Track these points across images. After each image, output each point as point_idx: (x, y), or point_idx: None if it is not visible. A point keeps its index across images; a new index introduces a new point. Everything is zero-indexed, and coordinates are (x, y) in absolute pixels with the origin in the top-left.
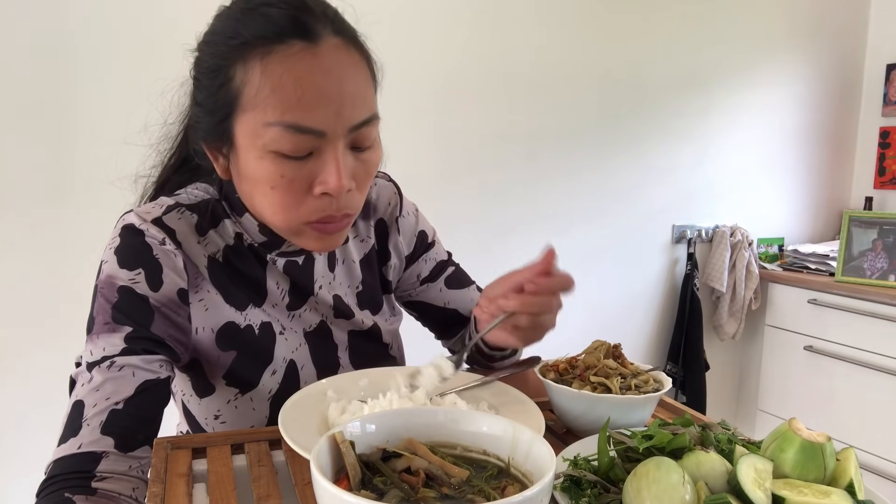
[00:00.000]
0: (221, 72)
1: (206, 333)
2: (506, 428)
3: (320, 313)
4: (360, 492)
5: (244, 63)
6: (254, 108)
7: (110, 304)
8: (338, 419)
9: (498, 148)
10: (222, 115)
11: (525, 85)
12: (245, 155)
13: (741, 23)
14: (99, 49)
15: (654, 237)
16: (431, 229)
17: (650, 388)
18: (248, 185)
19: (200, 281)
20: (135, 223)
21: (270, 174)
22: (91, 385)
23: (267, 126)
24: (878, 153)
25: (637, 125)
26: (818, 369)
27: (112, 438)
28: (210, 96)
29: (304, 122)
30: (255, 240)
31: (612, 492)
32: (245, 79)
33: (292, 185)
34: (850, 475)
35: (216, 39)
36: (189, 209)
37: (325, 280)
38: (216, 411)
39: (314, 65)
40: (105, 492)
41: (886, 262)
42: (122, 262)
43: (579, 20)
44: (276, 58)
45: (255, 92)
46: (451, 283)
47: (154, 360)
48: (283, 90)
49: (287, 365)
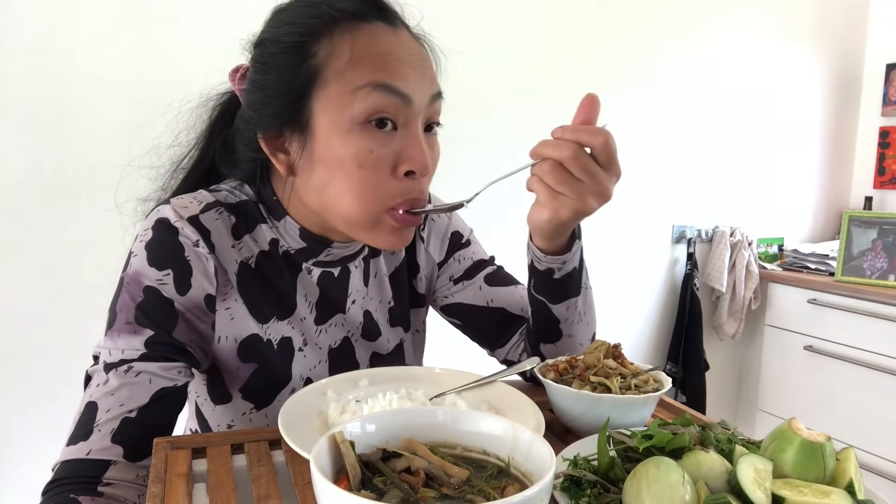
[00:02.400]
0: (304, 48)
1: (228, 343)
2: (506, 428)
3: (346, 330)
4: (360, 492)
5: (330, 37)
6: (340, 79)
7: (134, 304)
8: (338, 419)
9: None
10: (299, 93)
11: (525, 85)
12: (328, 134)
13: (741, 23)
14: (99, 49)
15: (654, 237)
16: (468, 229)
17: (650, 388)
18: (327, 171)
19: (229, 289)
20: (170, 219)
21: (358, 150)
22: (106, 388)
23: (356, 91)
24: (878, 153)
25: (637, 125)
26: (818, 369)
27: (122, 447)
28: (285, 76)
29: (394, 81)
30: (292, 246)
31: (612, 492)
32: (332, 51)
33: (379, 163)
34: (849, 475)
35: (295, 20)
36: (228, 209)
37: (359, 295)
38: (230, 421)
39: (398, 41)
40: (111, 496)
41: (886, 262)
42: (152, 259)
43: (580, 20)
44: (363, 32)
45: (343, 63)
46: (491, 281)
47: (172, 368)
48: (372, 57)
49: (304, 383)
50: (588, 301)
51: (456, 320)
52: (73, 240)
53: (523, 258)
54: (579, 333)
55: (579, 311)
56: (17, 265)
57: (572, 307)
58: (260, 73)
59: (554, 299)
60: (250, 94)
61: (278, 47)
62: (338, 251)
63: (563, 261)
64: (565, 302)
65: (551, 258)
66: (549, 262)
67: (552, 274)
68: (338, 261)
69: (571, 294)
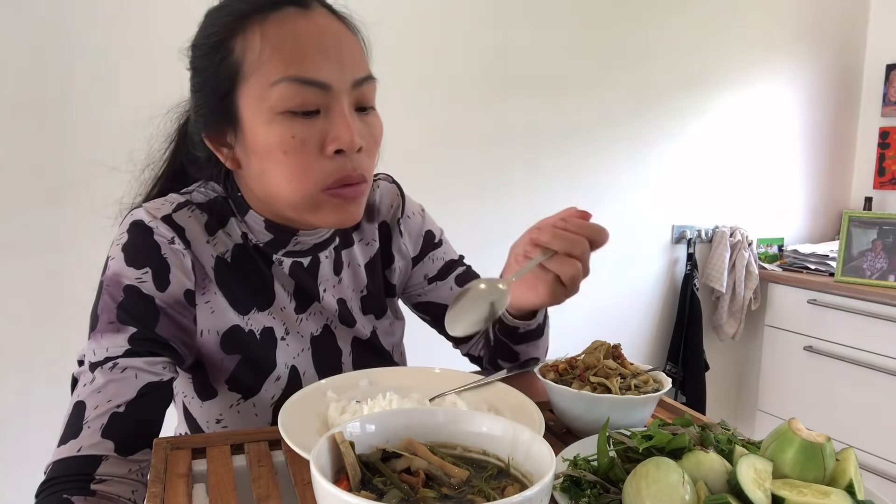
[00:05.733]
0: (222, 46)
1: (211, 336)
2: (505, 428)
3: (325, 318)
4: (360, 492)
5: (243, 33)
6: (257, 72)
7: (115, 303)
8: (337, 419)
9: (498, 148)
10: (225, 90)
11: (525, 85)
12: (253, 126)
13: (741, 23)
14: (99, 48)
15: (654, 237)
16: (439, 229)
17: (650, 388)
18: (259, 161)
19: (207, 283)
20: (144, 220)
21: (281, 137)
22: (93, 386)
23: (272, 85)
24: (878, 153)
25: (637, 125)
26: (818, 369)
27: (112, 442)
28: (210, 75)
29: (308, 74)
30: (259, 239)
31: (612, 492)
32: (246, 46)
33: (305, 146)
34: (849, 475)
35: (213, 21)
36: (200, 207)
37: (330, 284)
38: (218, 415)
39: (310, 24)
40: (104, 494)
41: (886, 263)
42: (130, 259)
43: (579, 20)
44: (273, 21)
45: (256, 56)
46: (461, 282)
47: (157, 363)
48: (283, 48)
49: (290, 371)
50: (546, 334)
51: (426, 316)
52: (73, 240)
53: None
54: (534, 354)
55: (541, 347)
56: (17, 265)
57: (533, 346)
58: (193, 77)
59: (516, 342)
60: (191, 97)
61: (202, 50)
62: (306, 238)
63: (530, 323)
64: (527, 343)
65: (520, 321)
66: (516, 323)
67: (518, 329)
68: (308, 250)
69: (534, 338)
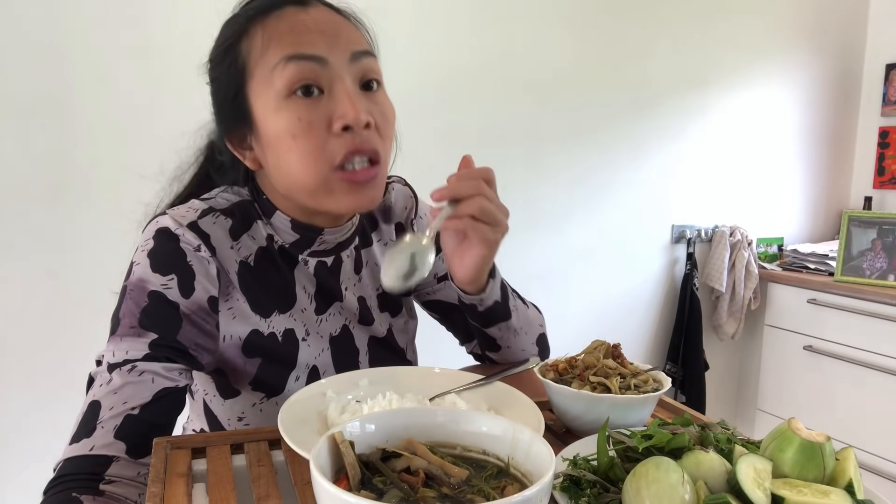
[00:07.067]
0: (230, 52)
1: (233, 341)
2: (505, 428)
3: (344, 318)
4: (360, 492)
5: (247, 35)
6: (260, 63)
7: (139, 308)
8: (337, 419)
9: (498, 148)
10: (235, 89)
11: (525, 85)
12: (263, 118)
13: (741, 23)
14: (99, 49)
15: (654, 237)
16: None
17: (649, 387)
18: (274, 153)
19: (231, 289)
20: (170, 227)
21: (289, 122)
22: (109, 387)
23: (273, 69)
24: (878, 153)
25: (637, 125)
26: (817, 369)
27: (124, 443)
28: (223, 81)
29: (303, 49)
30: (286, 240)
31: (612, 491)
32: (250, 45)
33: (312, 127)
34: (849, 475)
35: (222, 32)
36: (223, 213)
37: (351, 282)
38: (240, 413)
39: (306, 16)
40: (112, 494)
41: (886, 262)
42: (156, 265)
43: (579, 20)
44: (272, 18)
45: (259, 50)
46: None
47: (175, 369)
48: (280, 36)
49: (310, 370)
50: (523, 318)
51: (435, 314)
52: (73, 240)
53: None
54: (518, 345)
55: (513, 329)
56: (17, 265)
57: (504, 328)
58: (211, 88)
59: (485, 324)
60: (213, 106)
61: (215, 60)
62: (330, 237)
63: (481, 298)
64: (496, 325)
65: (471, 297)
66: (470, 300)
67: (477, 307)
68: (331, 249)
69: (500, 319)
